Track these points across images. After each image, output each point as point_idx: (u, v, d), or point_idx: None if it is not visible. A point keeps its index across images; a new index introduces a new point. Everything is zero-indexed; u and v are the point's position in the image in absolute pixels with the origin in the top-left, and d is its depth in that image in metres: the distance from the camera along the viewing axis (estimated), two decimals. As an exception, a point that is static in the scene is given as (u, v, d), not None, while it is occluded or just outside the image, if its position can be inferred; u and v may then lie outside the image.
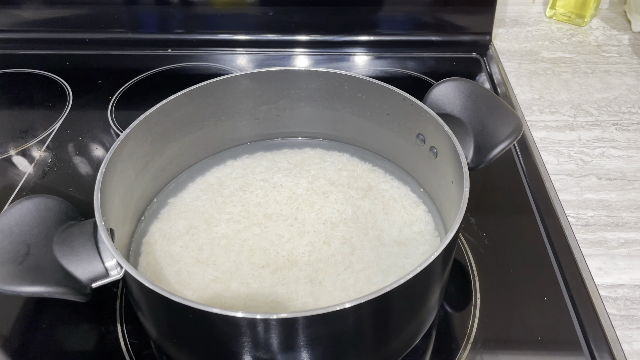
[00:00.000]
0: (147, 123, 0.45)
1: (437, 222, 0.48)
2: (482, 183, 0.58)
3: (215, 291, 0.41)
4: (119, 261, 0.33)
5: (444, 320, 0.45)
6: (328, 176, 0.52)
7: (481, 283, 0.48)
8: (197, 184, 0.51)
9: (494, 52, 0.81)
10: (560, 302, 0.46)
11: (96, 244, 0.35)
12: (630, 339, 0.44)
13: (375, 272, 0.43)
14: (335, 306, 0.30)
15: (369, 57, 0.81)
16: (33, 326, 0.45)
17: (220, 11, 0.82)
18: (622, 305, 0.47)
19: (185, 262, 0.44)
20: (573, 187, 0.58)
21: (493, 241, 0.51)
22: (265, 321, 0.30)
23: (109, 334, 0.44)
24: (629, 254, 0.51)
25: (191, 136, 0.51)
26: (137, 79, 0.76)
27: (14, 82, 0.77)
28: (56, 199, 0.39)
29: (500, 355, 0.43)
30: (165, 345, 0.40)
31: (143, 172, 0.47)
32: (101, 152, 0.63)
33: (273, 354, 0.33)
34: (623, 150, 0.63)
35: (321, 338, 0.34)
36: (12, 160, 0.63)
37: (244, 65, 0.80)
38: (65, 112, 0.70)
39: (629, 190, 0.57)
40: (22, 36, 0.84)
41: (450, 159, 0.42)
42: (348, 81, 0.49)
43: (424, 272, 0.32)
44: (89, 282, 0.35)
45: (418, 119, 0.46)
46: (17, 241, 0.35)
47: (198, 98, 0.48)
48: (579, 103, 0.71)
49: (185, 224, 0.47)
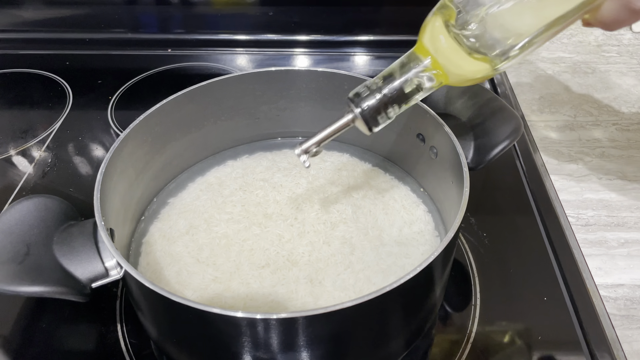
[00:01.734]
0: (147, 123, 0.45)
1: (437, 222, 0.48)
2: (482, 183, 0.58)
3: (215, 291, 0.41)
4: (119, 261, 0.33)
5: (444, 320, 0.45)
6: (328, 176, 0.52)
7: (481, 283, 0.48)
8: (197, 184, 0.51)
9: (494, 52, 0.81)
10: (560, 302, 0.46)
11: (96, 244, 0.35)
12: (630, 339, 0.44)
13: (375, 272, 0.43)
14: (335, 306, 0.30)
15: (369, 57, 0.81)
16: (33, 326, 0.44)
17: (220, 11, 0.82)
18: (622, 305, 0.47)
19: (185, 262, 0.44)
20: (573, 187, 0.58)
21: (493, 241, 0.51)
22: (265, 321, 0.30)
23: (109, 334, 0.44)
24: (629, 254, 0.51)
25: (191, 136, 0.51)
26: (137, 79, 0.76)
27: (14, 82, 0.77)
28: (56, 198, 0.39)
29: (500, 355, 0.42)
30: (165, 345, 0.40)
31: (143, 172, 0.47)
32: (101, 152, 0.63)
33: (273, 354, 0.33)
34: (623, 150, 0.63)
35: (321, 338, 0.34)
36: (12, 160, 0.63)
37: (244, 65, 0.80)
38: (65, 112, 0.70)
39: (629, 190, 0.57)
40: (22, 36, 0.84)
41: (450, 159, 0.42)
42: (348, 81, 0.49)
43: (424, 272, 0.32)
44: (88, 282, 0.35)
45: (418, 119, 0.46)
46: (17, 241, 0.35)
47: (198, 98, 0.48)
48: (579, 103, 0.71)
49: (185, 224, 0.47)
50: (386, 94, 0.35)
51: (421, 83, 0.35)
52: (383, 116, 0.36)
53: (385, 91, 0.35)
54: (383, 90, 0.35)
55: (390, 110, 0.36)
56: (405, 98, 0.36)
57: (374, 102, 0.36)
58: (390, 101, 0.36)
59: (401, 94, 0.36)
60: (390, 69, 0.36)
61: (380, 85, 0.36)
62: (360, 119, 0.36)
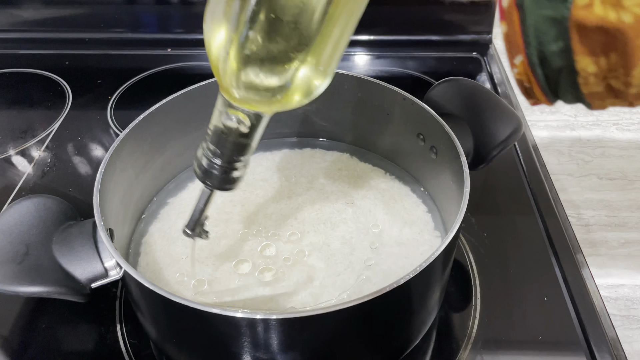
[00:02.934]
0: (146, 123, 0.45)
1: (437, 222, 0.48)
2: (482, 183, 0.58)
3: (215, 291, 0.41)
4: (119, 261, 0.33)
5: (444, 320, 0.45)
6: (328, 176, 0.52)
7: (481, 283, 0.47)
8: (197, 184, 0.51)
9: (494, 51, 0.81)
10: (561, 302, 0.46)
11: (95, 244, 0.35)
12: (630, 339, 0.44)
13: (375, 272, 0.43)
14: (335, 306, 0.30)
15: (369, 57, 0.81)
16: (33, 326, 0.44)
17: (220, 11, 0.82)
18: (622, 305, 0.47)
19: (185, 262, 0.44)
20: (573, 187, 0.58)
21: (493, 241, 0.51)
22: (265, 321, 0.30)
23: (109, 334, 0.44)
24: (629, 254, 0.51)
25: (191, 136, 0.51)
26: (136, 78, 0.76)
27: (13, 82, 0.77)
28: (55, 198, 0.38)
29: (500, 355, 0.42)
30: (164, 346, 0.40)
31: (142, 171, 0.47)
32: (100, 152, 0.63)
33: (273, 354, 0.33)
34: (623, 150, 0.63)
35: (321, 338, 0.34)
36: (12, 160, 0.63)
37: (243, 65, 0.80)
38: (65, 112, 0.70)
39: (629, 190, 0.57)
40: (22, 36, 0.84)
41: (450, 159, 0.42)
42: (348, 81, 0.49)
43: (424, 272, 0.32)
44: (88, 282, 0.35)
45: (418, 119, 0.46)
46: (16, 241, 0.35)
47: (198, 98, 0.48)
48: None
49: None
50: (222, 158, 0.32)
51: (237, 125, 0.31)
52: (236, 170, 0.33)
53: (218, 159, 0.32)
54: (216, 157, 0.32)
55: (238, 164, 0.33)
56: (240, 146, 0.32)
57: (217, 174, 0.33)
58: (231, 160, 0.32)
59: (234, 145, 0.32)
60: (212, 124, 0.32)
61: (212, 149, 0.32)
62: (219, 190, 0.34)
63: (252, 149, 0.33)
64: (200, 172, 0.33)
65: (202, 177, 0.33)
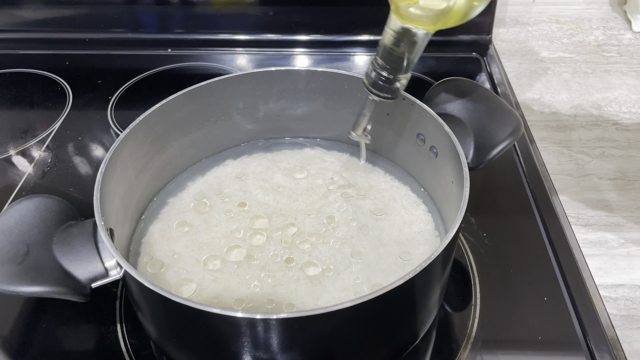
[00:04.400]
0: (146, 123, 0.45)
1: (437, 222, 0.48)
2: (482, 183, 0.58)
3: (215, 291, 0.41)
4: (119, 261, 0.33)
5: (444, 320, 0.45)
6: (328, 176, 0.52)
7: (481, 283, 0.48)
8: (197, 184, 0.51)
9: (494, 51, 0.81)
10: (561, 302, 0.46)
11: (96, 244, 0.35)
12: (630, 339, 0.44)
13: (375, 272, 0.43)
14: (335, 306, 0.30)
15: (369, 57, 0.81)
16: (33, 326, 0.44)
17: (220, 11, 0.82)
18: (622, 305, 0.47)
19: (185, 262, 0.44)
20: (573, 187, 0.58)
21: (493, 241, 0.51)
22: (265, 321, 0.30)
23: (109, 334, 0.44)
24: (629, 254, 0.51)
25: (191, 136, 0.51)
26: (136, 79, 0.76)
27: (13, 82, 0.77)
28: (56, 198, 0.39)
29: (500, 355, 0.43)
30: (165, 346, 0.40)
31: (143, 172, 0.47)
32: (101, 152, 0.63)
33: (273, 354, 0.33)
34: (623, 150, 0.63)
35: (321, 338, 0.34)
36: (12, 160, 0.63)
37: (244, 65, 0.80)
38: (65, 112, 0.70)
39: (629, 190, 0.57)
40: (22, 36, 0.84)
41: (450, 159, 0.42)
42: (348, 81, 0.49)
43: (424, 272, 0.32)
44: (88, 282, 0.35)
45: (418, 119, 0.46)
46: (16, 241, 0.35)
47: (198, 98, 0.48)
48: (579, 103, 0.71)
49: (185, 224, 0.47)
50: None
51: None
52: (399, 82, 0.39)
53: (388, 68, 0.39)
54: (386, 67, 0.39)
55: (400, 75, 0.39)
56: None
57: (382, 84, 0.40)
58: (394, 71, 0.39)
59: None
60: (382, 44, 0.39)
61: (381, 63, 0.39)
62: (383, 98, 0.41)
63: (413, 63, 0.39)
64: (368, 82, 0.41)
65: (370, 88, 0.41)
